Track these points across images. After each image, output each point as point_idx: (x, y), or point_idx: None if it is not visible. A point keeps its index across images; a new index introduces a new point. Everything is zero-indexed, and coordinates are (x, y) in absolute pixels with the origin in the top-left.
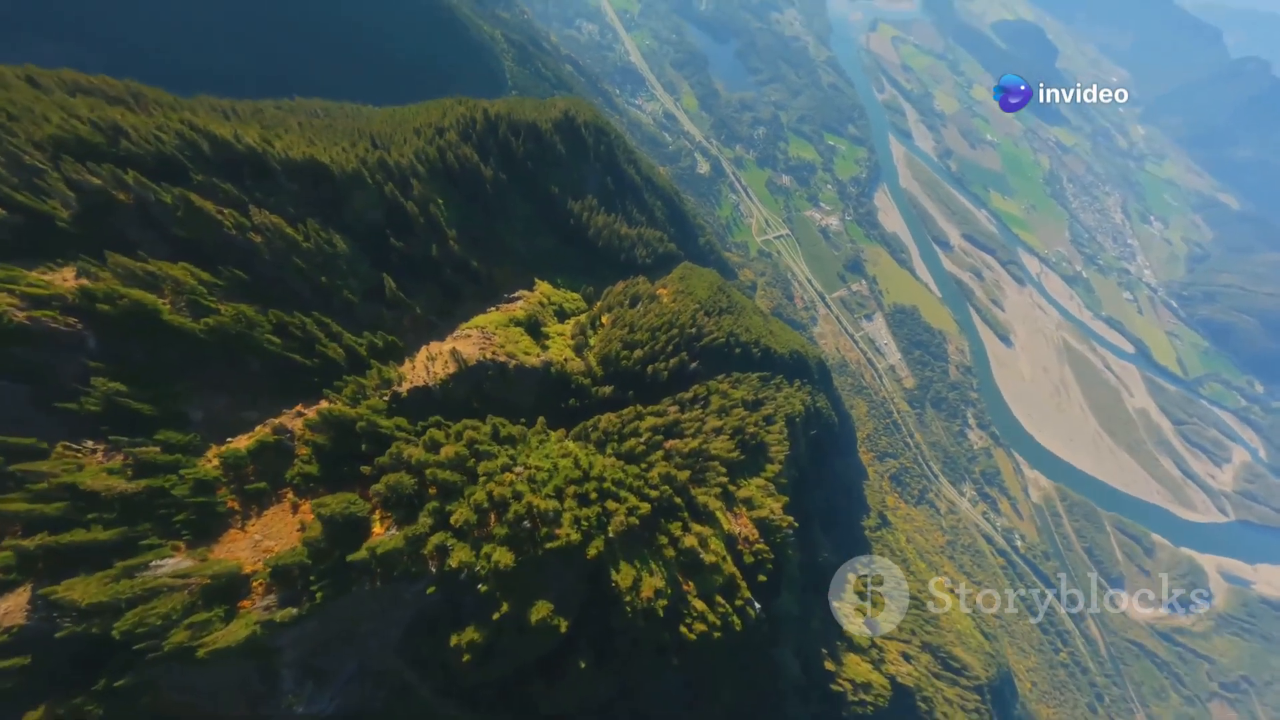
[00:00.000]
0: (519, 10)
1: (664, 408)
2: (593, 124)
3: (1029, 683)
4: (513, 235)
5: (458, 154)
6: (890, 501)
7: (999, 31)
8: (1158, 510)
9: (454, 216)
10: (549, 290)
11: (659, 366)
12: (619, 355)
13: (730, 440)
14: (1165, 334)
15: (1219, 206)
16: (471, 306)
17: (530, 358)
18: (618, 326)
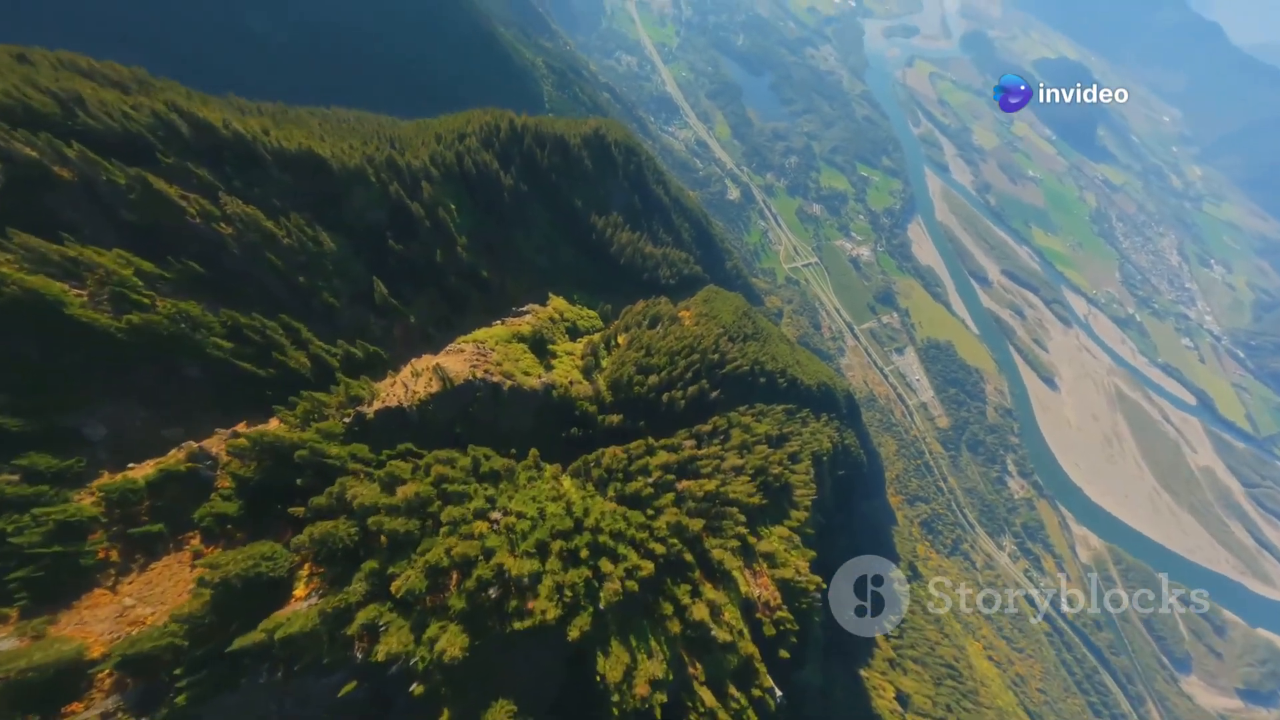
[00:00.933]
0: (562, 41)
1: (678, 441)
2: (623, 143)
3: None
4: (530, 247)
5: (476, 160)
6: (921, 551)
7: (1040, 69)
8: (1228, 582)
9: (466, 223)
10: (563, 306)
11: (675, 395)
12: (632, 380)
13: (751, 482)
14: (1231, 386)
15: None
16: (477, 318)
17: (530, 379)
18: (633, 348)
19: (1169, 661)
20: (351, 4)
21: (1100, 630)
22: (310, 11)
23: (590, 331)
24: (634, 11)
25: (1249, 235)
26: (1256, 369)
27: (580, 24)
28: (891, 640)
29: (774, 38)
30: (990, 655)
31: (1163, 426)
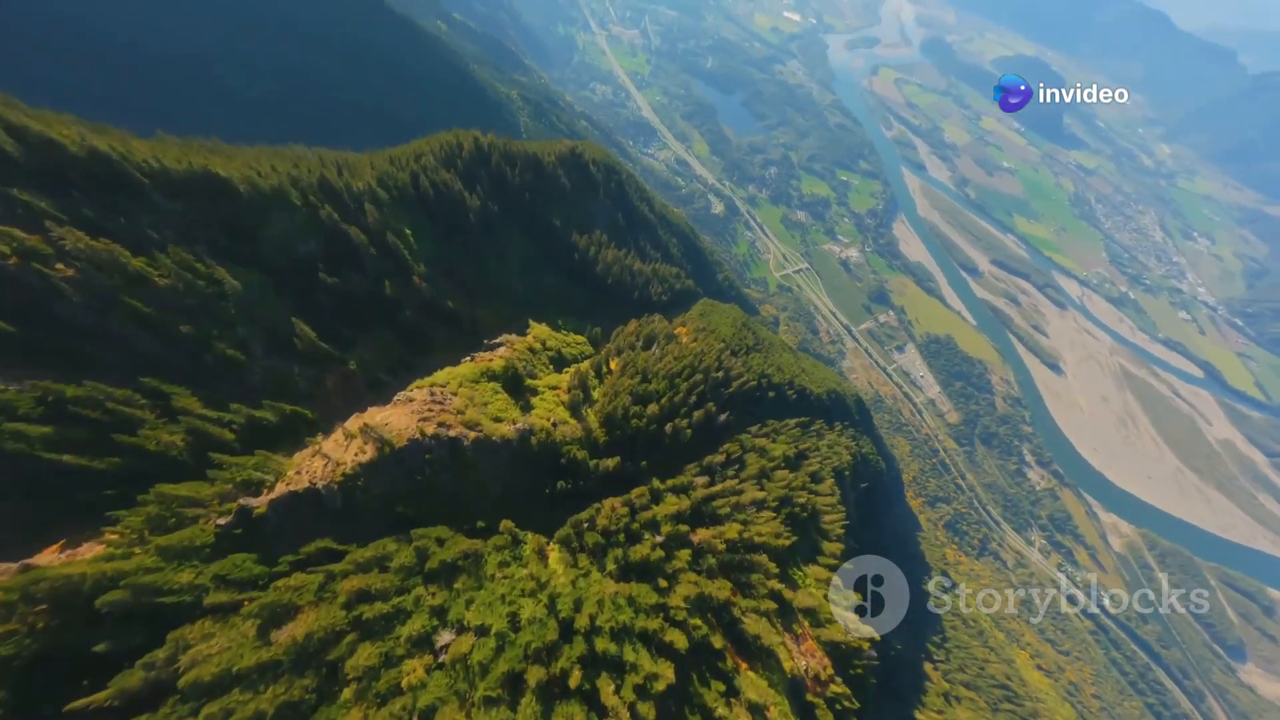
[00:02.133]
0: (536, 75)
1: (688, 479)
2: (602, 161)
3: None
4: (506, 272)
5: (435, 179)
6: (950, 555)
7: (1001, 67)
8: (1268, 559)
9: (426, 249)
10: (545, 333)
11: (680, 424)
12: (628, 413)
13: (776, 517)
14: (1236, 355)
15: (1267, 220)
16: (444, 356)
17: (502, 425)
18: (627, 374)
19: (1222, 650)
20: (323, 51)
21: (1146, 623)
22: (282, 61)
23: (579, 359)
24: (605, 45)
25: (1227, 206)
26: (1258, 336)
27: (554, 60)
28: (940, 666)
29: (741, 58)
30: (1039, 664)
31: (1174, 403)
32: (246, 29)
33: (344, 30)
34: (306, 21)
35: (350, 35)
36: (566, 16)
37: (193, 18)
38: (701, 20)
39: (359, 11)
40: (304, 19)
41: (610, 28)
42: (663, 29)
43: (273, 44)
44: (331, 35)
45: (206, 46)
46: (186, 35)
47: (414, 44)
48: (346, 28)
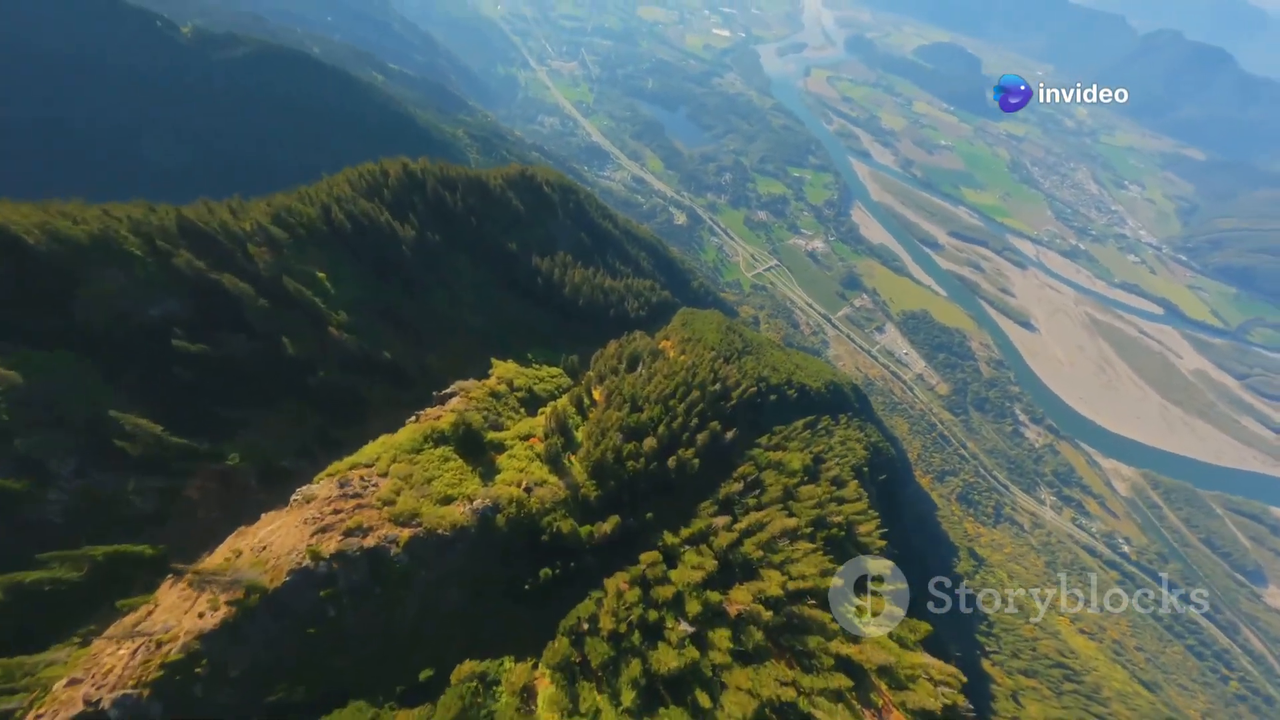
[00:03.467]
0: (481, 115)
1: (705, 521)
2: (557, 182)
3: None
4: (458, 307)
5: (352, 211)
6: (970, 529)
7: (922, 55)
8: (1262, 479)
9: (350, 293)
10: (512, 371)
11: (686, 454)
12: (621, 454)
13: (816, 548)
14: (1187, 288)
15: (1186, 162)
16: (382, 421)
17: (453, 508)
18: (614, 405)
19: (1244, 578)
20: (251, 112)
21: (1166, 562)
22: (209, 125)
23: (555, 394)
24: (547, 79)
25: (1148, 154)
26: (1202, 267)
27: (498, 99)
28: (994, 657)
29: (680, 76)
30: (1081, 628)
31: (1144, 341)
32: (167, 97)
33: (273, 89)
34: (237, 85)
35: (280, 93)
36: (505, 57)
37: (111, 91)
38: (636, 46)
39: (288, 69)
40: (229, 83)
41: (549, 63)
42: (600, 58)
43: (197, 110)
44: (259, 95)
45: (127, 118)
46: (106, 108)
47: (349, 94)
48: (275, 87)
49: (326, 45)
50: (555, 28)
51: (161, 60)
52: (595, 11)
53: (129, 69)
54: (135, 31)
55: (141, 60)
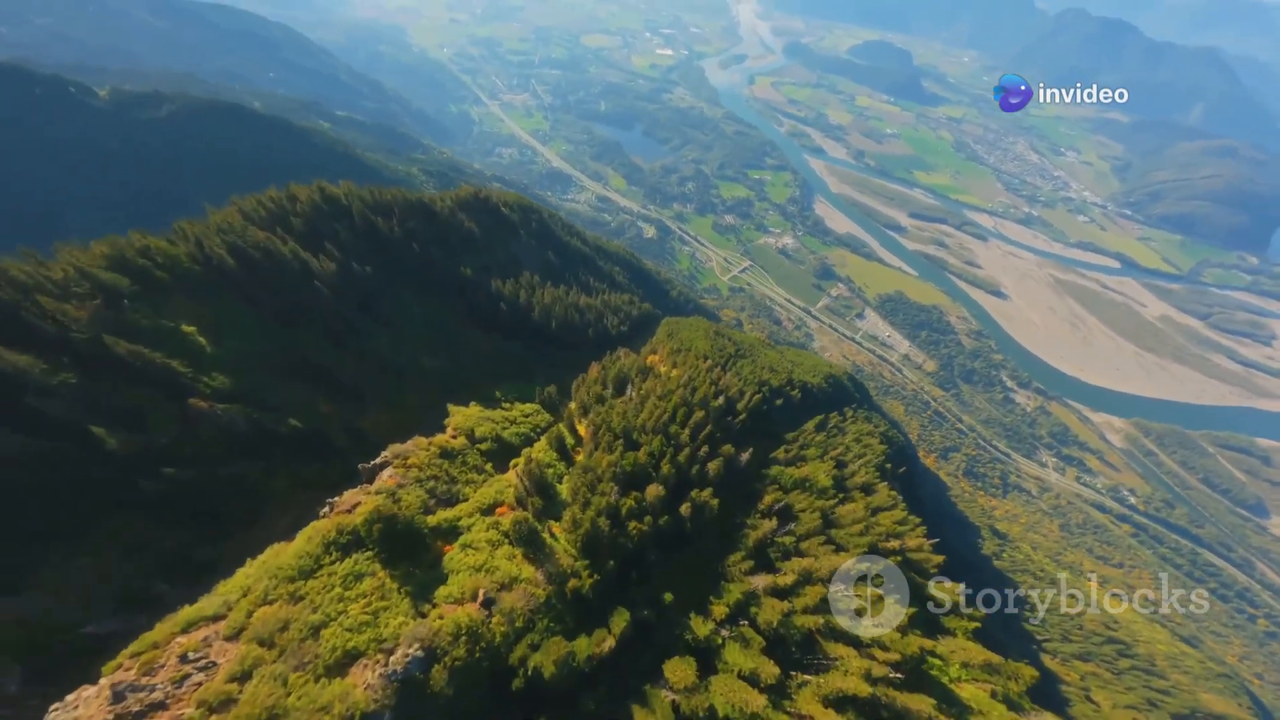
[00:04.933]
0: (437, 152)
1: (742, 586)
2: (515, 203)
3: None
4: (407, 349)
5: (239, 244)
6: (983, 503)
7: (856, 54)
8: (1242, 412)
9: (236, 349)
10: (473, 417)
11: (702, 497)
12: (619, 513)
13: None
14: (1138, 240)
15: (1112, 124)
16: (285, 520)
17: (350, 681)
18: (603, 444)
19: (1246, 511)
20: (183, 168)
21: (1173, 508)
22: (142, 185)
23: (531, 437)
24: (501, 113)
25: (1076, 121)
26: (1147, 219)
27: (453, 137)
28: (1048, 646)
29: (631, 96)
30: (1112, 590)
31: (1108, 295)
32: (89, 164)
33: (204, 143)
34: (164, 143)
35: (217, 146)
36: (457, 96)
37: (27, 162)
38: (585, 72)
39: (220, 123)
40: (156, 141)
41: (501, 97)
42: (551, 87)
43: (123, 173)
44: (190, 150)
45: (48, 189)
46: (24, 181)
47: (290, 142)
48: (208, 141)
49: (269, 99)
50: (503, 63)
51: (77, 126)
52: (540, 44)
53: (44, 139)
54: (44, 99)
55: (58, 129)
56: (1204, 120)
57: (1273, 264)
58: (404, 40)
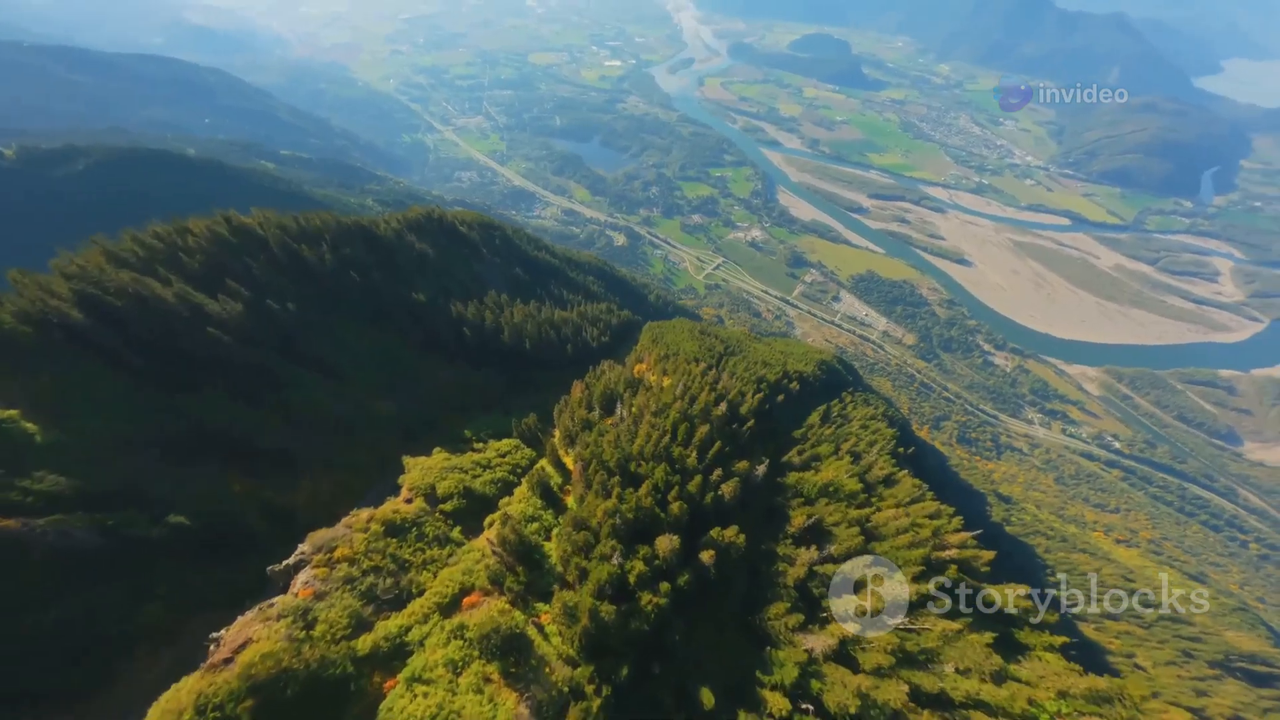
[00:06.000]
0: (393, 182)
1: (797, 655)
2: (475, 221)
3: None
4: (351, 394)
5: (97, 295)
6: (982, 466)
7: (798, 48)
8: (1202, 347)
9: (90, 432)
10: (436, 471)
11: (728, 536)
12: (628, 582)
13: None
14: (1083, 197)
15: (1040, 91)
16: (156, 672)
17: None
18: (596, 485)
19: (1221, 441)
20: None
21: (1155, 447)
22: (64, 241)
23: (512, 479)
24: (456, 138)
25: None
26: (1088, 176)
27: (409, 167)
28: (1078, 610)
29: (585, 108)
30: (1116, 538)
31: (1064, 252)
32: None
33: (129, 193)
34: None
35: (150, 196)
36: (407, 125)
37: None
38: (536, 90)
39: (146, 171)
40: (76, 196)
41: (454, 122)
42: (503, 107)
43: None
44: (113, 202)
45: None
46: None
47: (227, 185)
48: (133, 190)
49: (205, 144)
50: (452, 89)
51: None
52: (488, 67)
53: None
54: None
55: None
56: (1122, 80)
57: (1205, 206)
58: (346, 76)
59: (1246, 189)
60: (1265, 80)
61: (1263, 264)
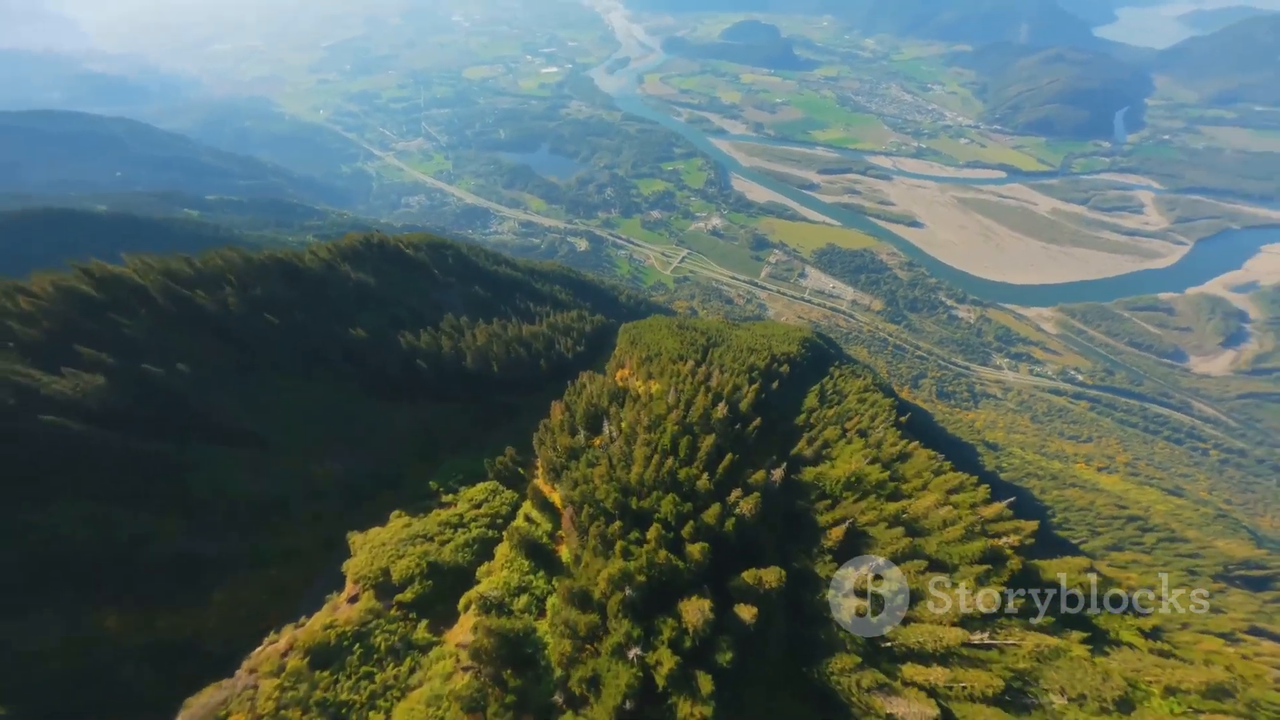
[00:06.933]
0: (335, 215)
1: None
2: (423, 242)
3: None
4: (272, 464)
5: None
6: (963, 417)
7: (729, 36)
8: (1139, 275)
9: None
10: (390, 546)
11: (768, 581)
12: (659, 683)
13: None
14: (1013, 149)
15: (961, 55)
16: None
17: None
18: (594, 540)
19: (1169, 360)
20: None
21: (1113, 374)
22: None
23: (491, 535)
24: (398, 162)
25: (931, 59)
26: (1015, 129)
27: (352, 198)
28: (1085, 544)
29: (528, 118)
30: (1097, 466)
31: (1004, 203)
32: None
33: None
34: None
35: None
36: (345, 155)
37: None
38: (475, 105)
39: (50, 235)
40: None
41: (394, 146)
42: (444, 126)
43: None
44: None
45: None
46: None
47: (140, 239)
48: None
49: (119, 199)
50: (388, 113)
51: None
52: (422, 87)
53: None
54: None
55: None
56: (1031, 36)
57: (1121, 144)
58: (271, 111)
59: (1154, 124)
60: (1154, 24)
61: (1179, 191)
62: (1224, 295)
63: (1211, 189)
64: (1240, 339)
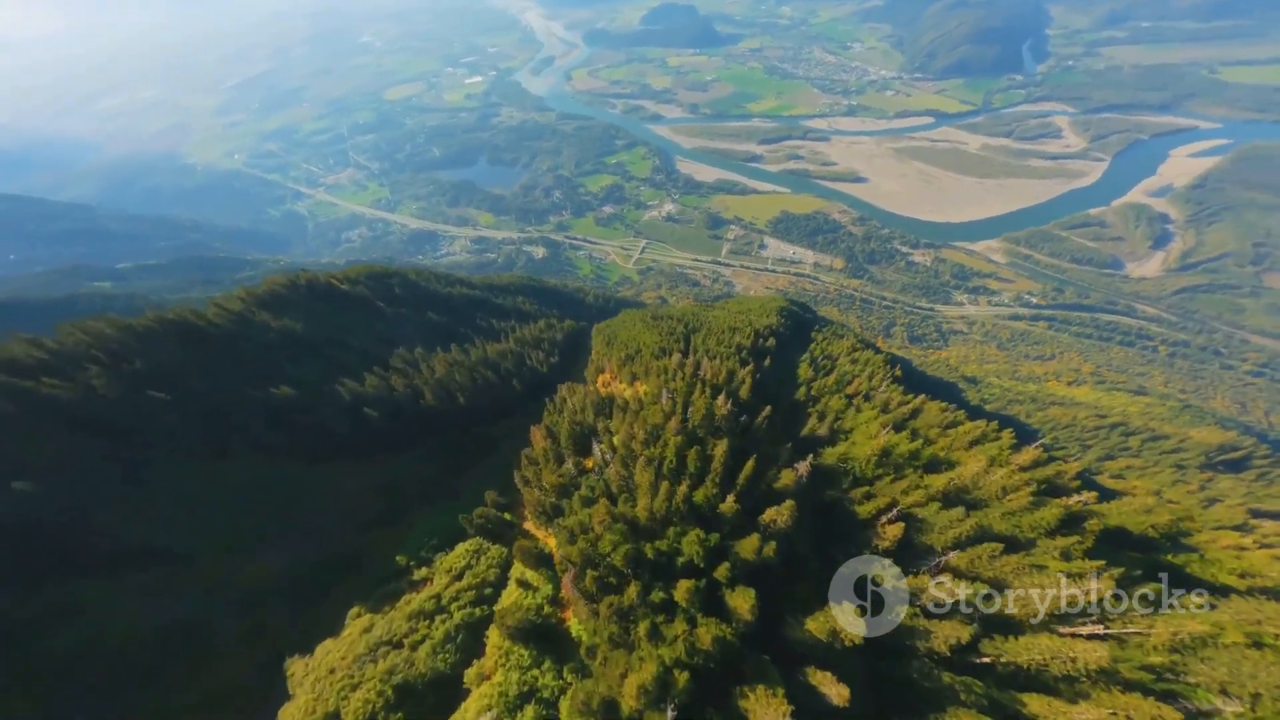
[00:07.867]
0: (270, 263)
1: None
2: (361, 275)
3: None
4: (181, 579)
5: None
6: (940, 357)
7: (649, 22)
8: (1070, 195)
9: None
10: (346, 665)
11: (815, 627)
12: None
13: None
14: (936, 94)
15: (873, 11)
16: None
17: None
18: (609, 614)
19: (1109, 270)
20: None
21: (1062, 292)
22: None
23: (479, 615)
24: (331, 197)
25: (846, 18)
26: (935, 74)
27: (287, 242)
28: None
29: (460, 132)
30: (1067, 380)
31: (937, 148)
32: None
33: None
34: None
35: None
36: (272, 199)
37: None
38: (402, 126)
39: None
40: None
41: (323, 182)
42: (373, 153)
43: None
44: None
45: None
46: None
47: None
48: None
49: (16, 284)
50: (311, 148)
51: None
52: (342, 115)
53: None
54: None
55: None
56: None
57: (1033, 75)
58: (181, 164)
59: (1058, 52)
60: None
61: (1090, 112)
62: (1146, 202)
63: (1117, 105)
64: (1166, 239)
